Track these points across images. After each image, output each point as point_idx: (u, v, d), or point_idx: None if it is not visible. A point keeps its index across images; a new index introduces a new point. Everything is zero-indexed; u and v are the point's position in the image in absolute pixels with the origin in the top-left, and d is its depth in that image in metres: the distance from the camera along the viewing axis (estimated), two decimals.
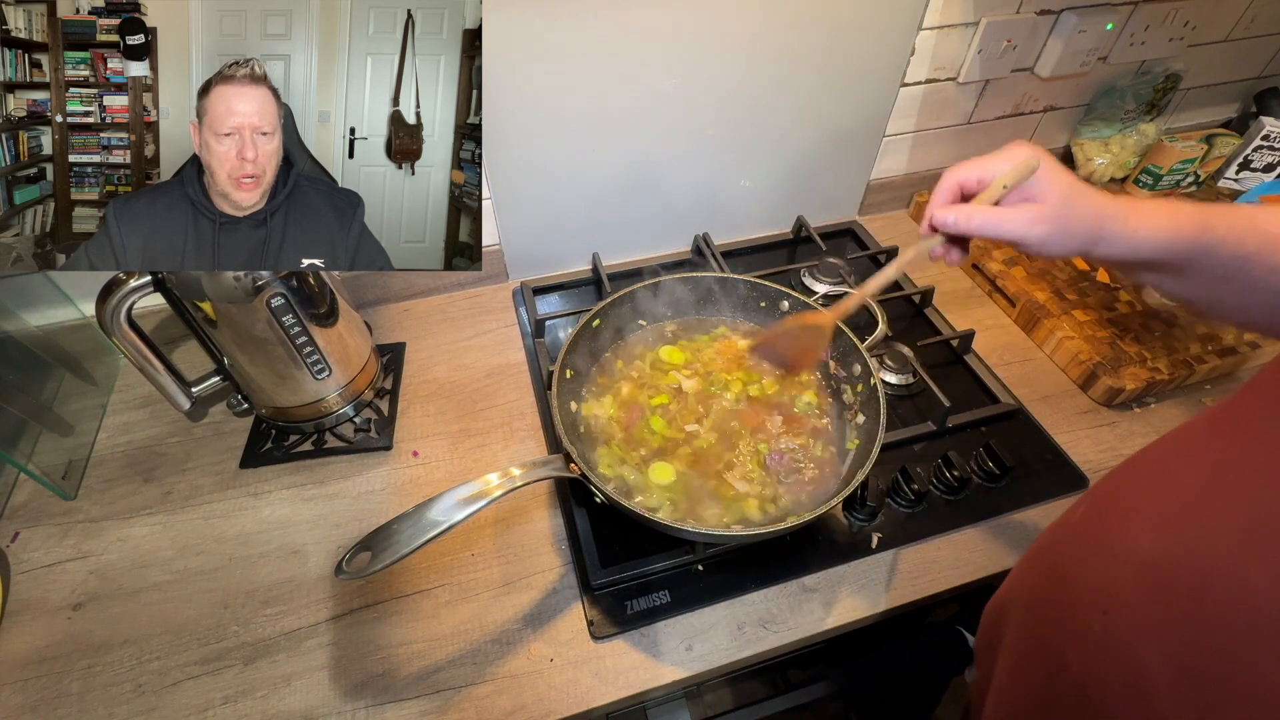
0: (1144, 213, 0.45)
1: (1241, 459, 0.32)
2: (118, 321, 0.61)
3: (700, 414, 0.69)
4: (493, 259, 0.95)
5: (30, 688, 0.58)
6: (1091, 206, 0.45)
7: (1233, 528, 0.31)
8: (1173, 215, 0.45)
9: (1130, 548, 0.36)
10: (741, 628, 0.63)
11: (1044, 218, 0.45)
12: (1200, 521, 0.33)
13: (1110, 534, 0.38)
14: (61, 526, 0.69)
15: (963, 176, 0.48)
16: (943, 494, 0.72)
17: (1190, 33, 1.00)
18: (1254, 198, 1.05)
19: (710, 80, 0.85)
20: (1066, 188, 0.46)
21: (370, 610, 0.63)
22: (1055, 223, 0.45)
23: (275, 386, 0.71)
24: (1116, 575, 0.36)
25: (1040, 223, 0.45)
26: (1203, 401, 0.83)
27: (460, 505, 0.51)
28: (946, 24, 0.89)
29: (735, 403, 0.70)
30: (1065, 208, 0.45)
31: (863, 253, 1.02)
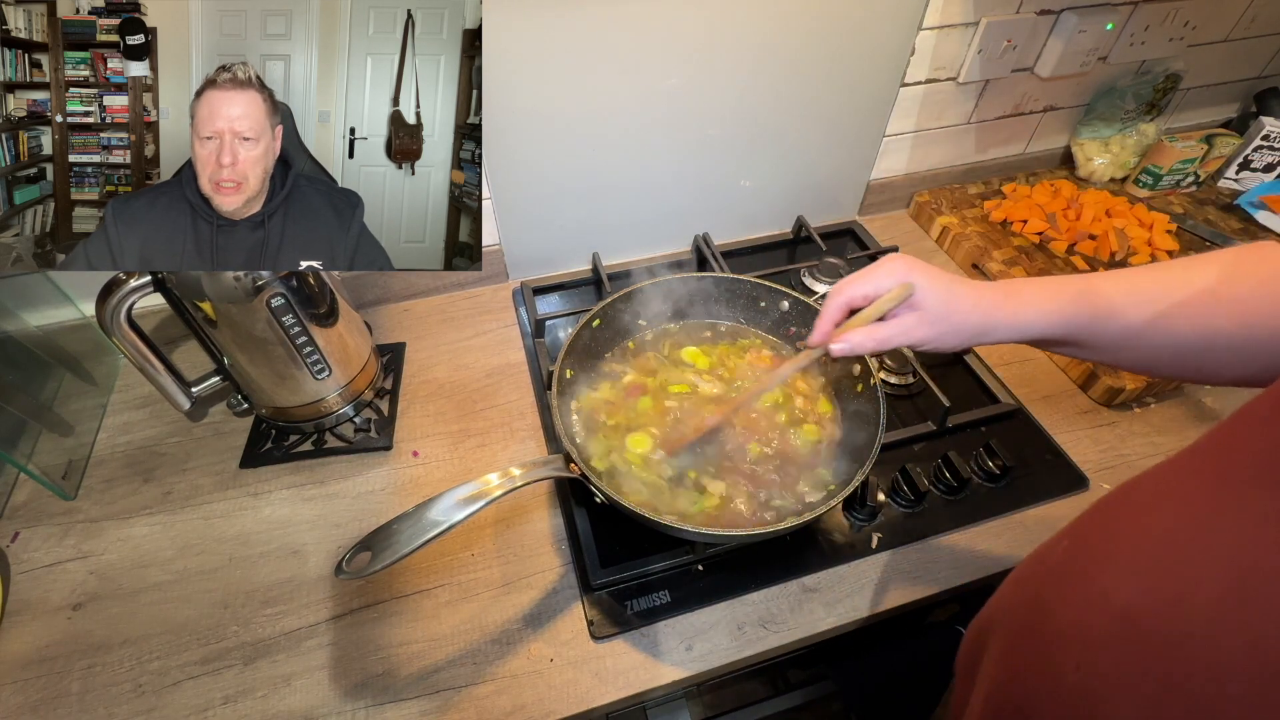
0: (1024, 296, 0.49)
1: (1228, 507, 0.31)
2: (118, 321, 0.61)
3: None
4: (493, 259, 0.95)
5: (30, 688, 0.58)
6: (971, 302, 0.49)
7: (1214, 582, 0.30)
8: (1054, 295, 0.48)
9: (1108, 592, 0.35)
10: (741, 628, 0.63)
11: (926, 322, 0.49)
12: (1180, 573, 0.31)
13: (1090, 575, 0.38)
14: (61, 526, 0.69)
15: (849, 296, 0.52)
16: (943, 494, 0.72)
17: (1190, 33, 1.00)
18: (1254, 197, 1.05)
19: (711, 80, 0.85)
20: (944, 291, 0.49)
21: (370, 610, 0.63)
22: (938, 325, 0.49)
23: (275, 386, 0.71)
24: (1093, 620, 0.35)
25: (923, 326, 0.49)
26: (1202, 401, 0.83)
27: (460, 505, 0.51)
28: (946, 24, 0.89)
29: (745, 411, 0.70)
30: (946, 309, 0.49)
31: (863, 253, 1.02)
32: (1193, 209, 1.08)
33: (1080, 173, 1.12)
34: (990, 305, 0.49)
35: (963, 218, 1.05)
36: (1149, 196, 1.09)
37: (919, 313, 0.50)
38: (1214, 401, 0.82)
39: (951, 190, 1.11)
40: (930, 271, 0.50)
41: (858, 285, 0.51)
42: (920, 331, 0.50)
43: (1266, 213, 1.04)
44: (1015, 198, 1.07)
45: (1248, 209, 1.06)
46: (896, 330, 0.50)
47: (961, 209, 1.07)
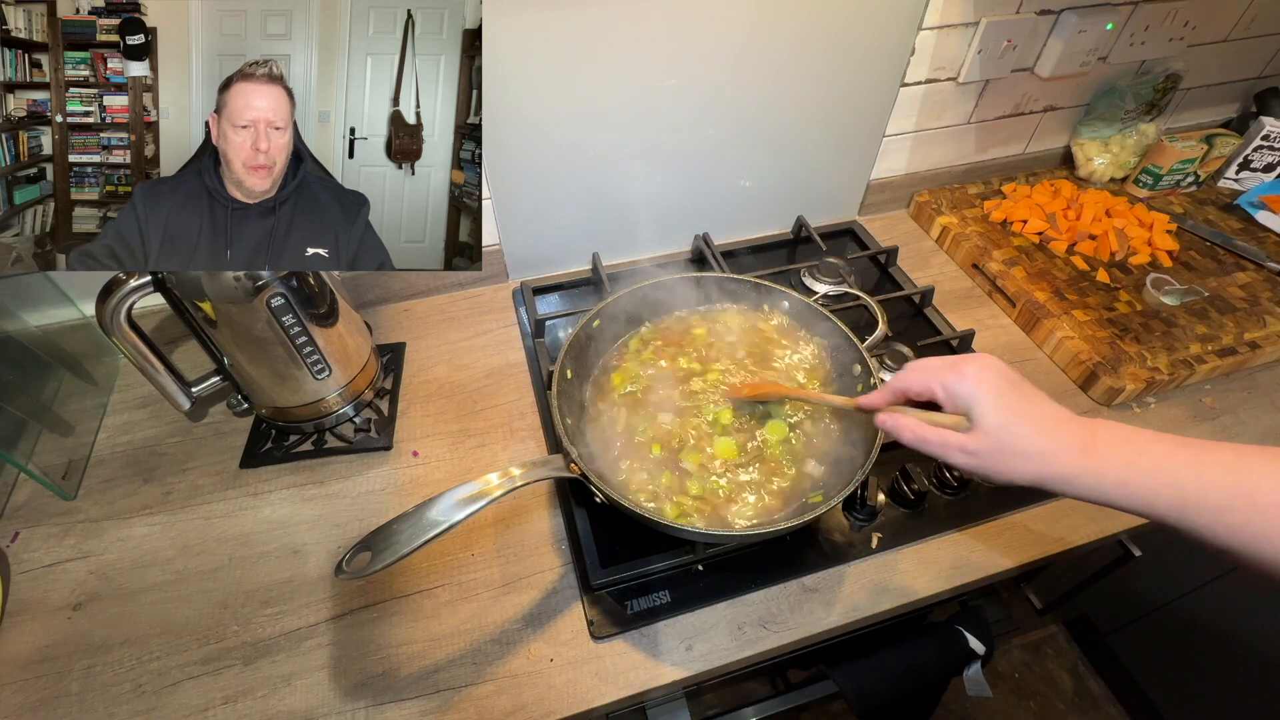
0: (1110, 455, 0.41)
1: None
2: (118, 321, 0.61)
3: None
4: (493, 259, 0.95)
5: (30, 688, 0.58)
6: (1037, 444, 0.42)
7: None
8: (1154, 466, 0.40)
9: None
10: (741, 628, 0.63)
11: (970, 449, 0.44)
12: None
13: None
14: (61, 526, 0.69)
15: (913, 386, 0.48)
16: (943, 494, 0.72)
17: (1190, 33, 1.00)
18: (1254, 197, 1.05)
19: (711, 80, 0.85)
20: (1002, 419, 0.43)
21: (370, 610, 0.63)
22: (985, 457, 0.44)
23: (275, 386, 0.71)
24: None
25: (965, 454, 0.44)
26: (1202, 401, 0.83)
27: (460, 505, 0.51)
28: (946, 24, 0.89)
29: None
30: (998, 442, 0.43)
31: (863, 253, 1.02)
32: (1193, 209, 1.08)
33: (1080, 173, 1.12)
34: (1062, 458, 0.42)
35: (963, 218, 1.05)
36: (1149, 196, 1.09)
37: (972, 433, 0.44)
38: (1214, 401, 0.83)
39: (951, 190, 1.11)
40: (1000, 396, 0.44)
41: (923, 381, 0.47)
42: (961, 457, 0.44)
43: (1266, 213, 1.04)
44: (1015, 198, 1.07)
45: (1248, 209, 1.06)
46: (937, 445, 0.46)
47: (961, 209, 1.07)
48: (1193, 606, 1.11)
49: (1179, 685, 1.24)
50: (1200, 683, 1.18)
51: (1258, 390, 0.84)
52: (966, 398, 0.44)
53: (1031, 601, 0.91)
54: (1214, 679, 1.14)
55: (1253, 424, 0.80)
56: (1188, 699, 1.23)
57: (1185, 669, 1.21)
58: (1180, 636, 1.18)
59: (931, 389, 0.47)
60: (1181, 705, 1.25)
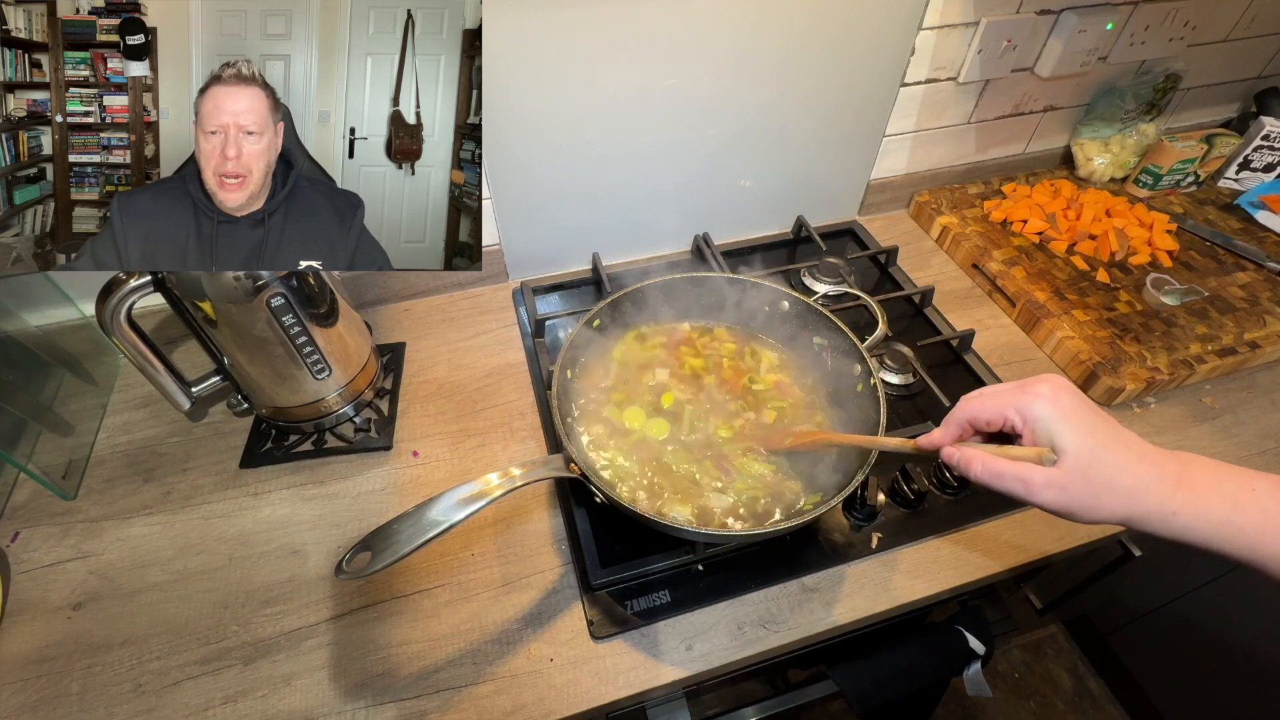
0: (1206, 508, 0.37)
1: None
2: (118, 321, 0.61)
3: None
4: (493, 259, 0.95)
5: (30, 688, 0.58)
6: (1130, 478, 0.38)
7: None
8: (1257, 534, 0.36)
9: None
10: (741, 628, 0.63)
11: (1056, 484, 0.39)
12: None
13: None
14: (61, 526, 0.69)
15: (982, 415, 0.43)
16: (943, 494, 0.72)
17: (1190, 33, 1.00)
18: (1254, 197, 1.05)
19: (711, 80, 0.85)
20: (1089, 455, 0.38)
21: (370, 610, 0.63)
22: (1071, 493, 0.39)
23: (275, 386, 0.71)
24: None
25: (1051, 489, 0.39)
26: (1202, 401, 0.83)
27: (460, 505, 0.51)
28: (946, 24, 0.89)
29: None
30: (1085, 477, 0.39)
31: (863, 253, 1.02)
32: (1193, 209, 1.08)
33: (1080, 173, 1.12)
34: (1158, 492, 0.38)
35: (963, 218, 1.05)
36: (1149, 196, 1.09)
37: (1061, 465, 0.39)
38: (1214, 401, 0.83)
39: (951, 190, 1.11)
40: (1084, 420, 0.39)
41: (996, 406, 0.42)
42: (1048, 494, 0.39)
43: (1266, 213, 1.04)
44: (1015, 198, 1.07)
45: (1248, 209, 1.06)
46: (1013, 479, 0.40)
47: (961, 209, 1.07)
48: (1193, 606, 1.11)
49: (1179, 685, 1.24)
50: (1200, 683, 1.18)
51: (1258, 390, 0.84)
52: (1047, 422, 0.39)
53: (1031, 601, 0.91)
54: (1214, 679, 1.14)
55: (1253, 424, 0.80)
56: (1188, 699, 1.23)
57: (1185, 669, 1.21)
58: (1180, 636, 1.17)
59: (1005, 415, 0.41)
60: (1181, 705, 1.25)
